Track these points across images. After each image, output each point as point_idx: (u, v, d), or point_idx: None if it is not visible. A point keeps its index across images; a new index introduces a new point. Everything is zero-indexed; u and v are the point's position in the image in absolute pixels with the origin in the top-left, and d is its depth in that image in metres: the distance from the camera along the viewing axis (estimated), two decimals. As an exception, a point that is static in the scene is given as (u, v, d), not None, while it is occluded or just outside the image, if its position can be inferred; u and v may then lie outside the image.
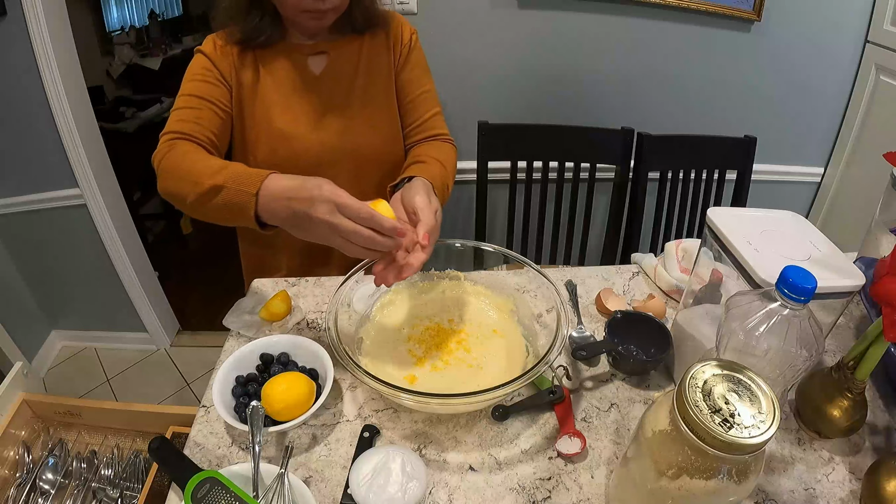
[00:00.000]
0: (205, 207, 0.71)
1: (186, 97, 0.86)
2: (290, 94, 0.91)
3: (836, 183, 1.80)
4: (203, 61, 0.87)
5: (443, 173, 0.87)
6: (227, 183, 0.67)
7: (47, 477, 1.00)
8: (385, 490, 0.58)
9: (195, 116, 0.84)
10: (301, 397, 0.67)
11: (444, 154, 0.93)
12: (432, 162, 0.88)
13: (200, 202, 0.71)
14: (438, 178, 0.84)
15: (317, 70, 0.92)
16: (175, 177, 0.75)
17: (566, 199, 1.50)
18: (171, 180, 0.76)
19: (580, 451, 0.66)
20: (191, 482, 0.54)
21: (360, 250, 0.63)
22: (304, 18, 0.83)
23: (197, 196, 0.70)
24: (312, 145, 0.93)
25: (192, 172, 0.72)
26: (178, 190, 0.74)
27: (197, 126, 0.83)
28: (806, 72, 1.64)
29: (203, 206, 0.71)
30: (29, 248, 1.86)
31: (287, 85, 0.91)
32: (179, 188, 0.73)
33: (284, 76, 0.91)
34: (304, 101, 0.92)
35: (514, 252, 0.83)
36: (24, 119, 1.57)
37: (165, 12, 3.36)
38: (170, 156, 0.78)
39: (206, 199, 0.70)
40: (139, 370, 2.07)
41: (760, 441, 0.42)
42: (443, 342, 0.79)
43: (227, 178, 0.68)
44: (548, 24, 1.53)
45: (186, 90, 0.86)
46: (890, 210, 0.82)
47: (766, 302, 0.53)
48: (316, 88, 0.92)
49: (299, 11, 0.81)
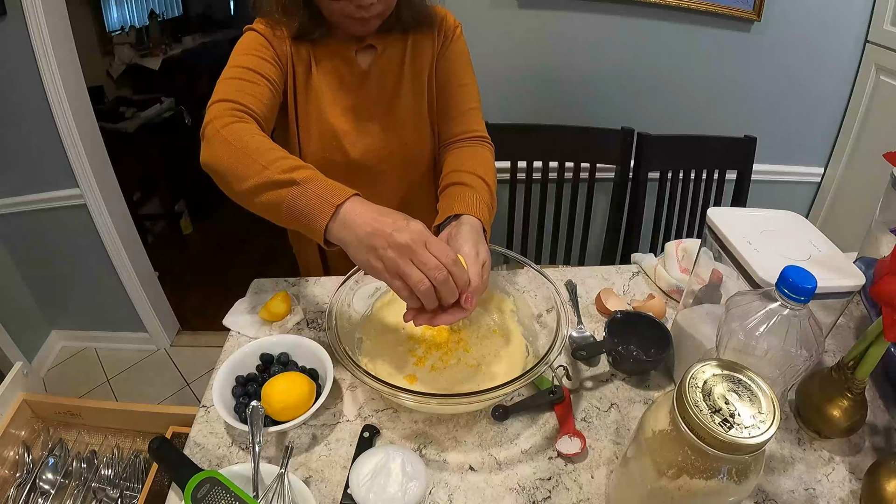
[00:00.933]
0: (262, 197, 0.64)
1: (241, 69, 0.78)
2: (338, 89, 0.90)
3: (836, 183, 1.80)
4: (259, 38, 0.82)
5: (488, 196, 0.81)
6: (307, 183, 0.62)
7: (47, 477, 1.00)
8: (385, 490, 0.58)
9: (252, 90, 0.77)
10: (301, 397, 0.67)
11: (483, 165, 0.86)
12: (476, 183, 0.81)
13: (260, 190, 0.64)
14: (486, 206, 0.78)
15: (364, 65, 0.90)
16: (238, 152, 0.66)
17: (566, 199, 1.50)
18: (230, 154, 0.66)
19: (580, 451, 0.66)
20: (191, 482, 0.54)
21: (415, 294, 0.58)
22: (348, 24, 0.81)
23: (260, 183, 0.63)
24: (358, 141, 0.91)
25: (263, 156, 0.65)
26: (235, 168, 0.66)
27: (254, 100, 0.76)
28: (806, 72, 1.64)
29: (260, 196, 0.64)
30: (29, 248, 1.86)
31: (336, 79, 0.89)
32: (239, 167, 0.65)
33: (333, 70, 0.89)
34: (352, 96, 0.90)
35: (514, 252, 0.83)
36: (24, 119, 1.57)
37: (165, 12, 3.36)
38: (232, 127, 0.69)
39: (270, 190, 0.63)
40: (139, 370, 2.07)
41: (760, 441, 0.42)
42: (443, 342, 0.79)
43: (308, 178, 0.62)
44: (548, 24, 1.53)
45: (240, 62, 0.79)
46: (890, 210, 0.82)
47: (766, 302, 0.53)
48: (364, 83, 0.90)
49: (344, 17, 0.79)
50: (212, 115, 0.72)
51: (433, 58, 0.93)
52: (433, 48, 0.92)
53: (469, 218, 0.73)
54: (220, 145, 0.68)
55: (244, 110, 0.74)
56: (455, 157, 0.89)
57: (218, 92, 0.76)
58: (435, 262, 0.57)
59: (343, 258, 0.65)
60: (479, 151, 0.90)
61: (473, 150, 0.90)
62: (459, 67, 0.94)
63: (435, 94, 0.95)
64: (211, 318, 1.48)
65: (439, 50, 0.93)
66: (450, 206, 0.76)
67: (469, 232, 0.70)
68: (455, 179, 0.82)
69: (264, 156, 0.65)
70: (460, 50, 0.94)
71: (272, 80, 0.81)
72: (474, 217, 0.74)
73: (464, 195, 0.78)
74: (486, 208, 0.78)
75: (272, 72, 0.82)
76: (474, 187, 0.80)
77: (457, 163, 0.86)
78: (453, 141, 0.93)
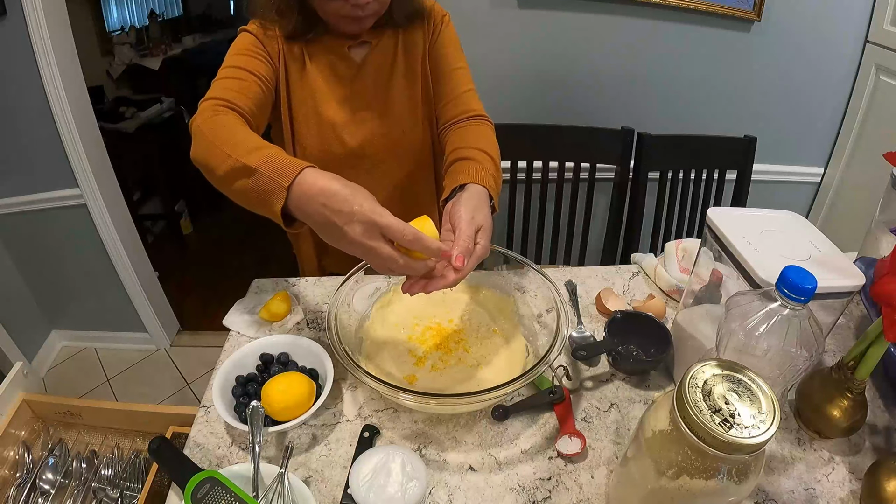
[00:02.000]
0: (231, 186, 0.66)
1: (232, 68, 0.83)
2: (333, 82, 0.92)
3: (836, 183, 1.80)
4: (251, 38, 0.86)
5: (492, 166, 0.82)
6: (260, 166, 0.62)
7: (47, 477, 1.00)
8: (385, 490, 0.58)
9: (240, 87, 0.81)
10: (301, 397, 0.67)
11: (485, 139, 0.87)
12: (479, 156, 0.82)
13: (228, 179, 0.65)
14: (491, 175, 0.78)
15: (358, 58, 0.93)
16: (210, 144, 0.69)
17: (566, 199, 1.50)
18: (205, 147, 0.69)
19: (580, 451, 0.66)
20: (191, 482, 0.54)
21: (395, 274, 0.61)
22: (344, 23, 0.83)
23: (226, 171, 0.65)
24: (356, 132, 0.93)
25: (228, 144, 0.67)
26: (208, 160, 0.68)
27: (241, 96, 0.80)
28: (806, 72, 1.64)
29: (230, 184, 0.66)
30: (29, 248, 1.86)
31: (330, 73, 0.91)
32: (211, 158, 0.68)
33: (327, 65, 0.91)
34: (347, 89, 0.93)
35: (514, 252, 0.83)
36: (24, 119, 1.57)
37: (165, 12, 3.36)
38: (211, 121, 0.73)
39: (234, 178, 0.64)
40: (139, 370, 2.07)
41: (760, 441, 0.42)
42: (443, 342, 0.79)
43: (262, 160, 0.62)
44: (548, 24, 1.53)
45: (232, 62, 0.84)
46: (890, 210, 0.82)
47: (766, 302, 0.53)
48: (358, 75, 0.92)
49: (339, 17, 0.82)
50: (197, 112, 0.75)
51: (425, 47, 0.95)
52: (424, 38, 0.94)
53: (472, 185, 0.74)
54: (198, 139, 0.71)
55: (227, 105, 0.77)
56: (457, 136, 0.90)
57: (208, 92, 0.79)
58: (387, 253, 0.58)
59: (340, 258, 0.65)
60: (480, 128, 0.92)
61: (474, 128, 0.92)
62: (451, 53, 0.96)
63: (430, 81, 0.97)
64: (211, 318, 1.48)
65: (430, 38, 0.95)
66: (454, 180, 0.77)
67: (468, 198, 0.70)
68: (459, 155, 0.84)
69: (229, 144, 0.67)
70: (450, 36, 0.97)
71: (262, 76, 0.84)
72: (478, 185, 0.74)
73: (467, 167, 0.79)
74: (491, 178, 0.78)
75: (262, 69, 0.84)
76: (478, 160, 0.81)
77: (459, 141, 0.88)
78: (453, 122, 0.94)
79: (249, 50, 0.85)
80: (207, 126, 0.72)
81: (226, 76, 0.82)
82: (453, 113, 0.95)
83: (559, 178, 1.47)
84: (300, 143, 0.93)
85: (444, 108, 0.96)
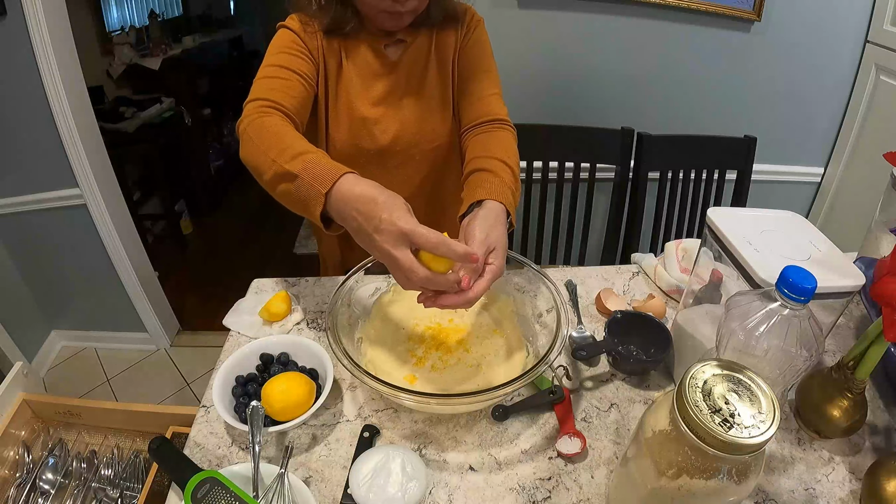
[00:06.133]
0: (276, 190, 0.68)
1: (275, 67, 0.83)
2: (369, 79, 0.92)
3: (836, 183, 1.81)
4: (291, 35, 0.86)
5: (511, 178, 0.81)
6: (301, 172, 0.64)
7: (47, 477, 1.00)
8: (385, 490, 0.58)
9: (283, 86, 0.81)
10: (301, 397, 0.67)
11: (505, 148, 0.86)
12: (498, 167, 0.81)
13: (273, 183, 0.68)
14: (509, 189, 0.77)
15: (394, 57, 0.93)
16: (256, 149, 0.71)
17: (566, 199, 1.50)
18: (251, 151, 0.71)
19: (580, 451, 0.66)
20: (191, 482, 0.54)
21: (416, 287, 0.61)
22: (382, 18, 0.83)
23: (271, 177, 0.67)
24: (388, 129, 0.93)
25: (273, 149, 0.68)
26: (257, 163, 0.70)
27: (285, 96, 0.80)
28: (806, 72, 1.64)
29: (274, 189, 0.68)
30: (29, 248, 1.86)
31: (367, 70, 0.92)
32: (259, 161, 0.70)
33: (363, 61, 0.91)
34: (382, 86, 0.92)
35: (514, 252, 0.83)
36: (24, 119, 1.57)
37: (165, 12, 3.36)
38: (256, 123, 0.74)
39: (278, 183, 0.66)
40: (139, 370, 2.07)
41: (760, 441, 0.42)
42: (443, 342, 0.79)
43: (303, 166, 0.64)
44: (548, 24, 1.53)
45: (274, 61, 0.84)
46: (890, 210, 0.82)
47: (766, 302, 0.53)
48: (393, 72, 0.92)
49: (378, 11, 0.82)
50: (243, 114, 0.76)
51: (456, 47, 0.95)
52: (457, 38, 0.95)
53: (489, 202, 0.73)
54: (246, 142, 0.73)
55: (272, 106, 0.78)
56: (477, 144, 0.89)
57: (252, 92, 0.80)
58: (409, 263, 0.58)
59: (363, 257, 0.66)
60: (500, 135, 0.91)
61: (495, 135, 0.91)
62: (482, 54, 0.96)
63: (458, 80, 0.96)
64: (211, 318, 1.48)
65: (462, 39, 0.95)
66: (472, 194, 0.77)
67: (484, 216, 0.70)
68: (477, 166, 0.83)
69: (275, 149, 0.68)
70: (482, 39, 0.97)
71: (304, 74, 0.85)
72: (495, 201, 0.74)
73: (486, 181, 0.78)
74: (509, 191, 0.78)
75: (304, 67, 0.85)
76: (496, 172, 0.80)
77: (479, 149, 0.87)
78: (475, 125, 0.93)
79: (291, 48, 0.85)
80: (253, 129, 0.73)
81: (268, 75, 0.82)
82: (476, 114, 0.93)
83: (559, 178, 1.47)
84: (331, 137, 0.94)
85: (468, 110, 0.95)
